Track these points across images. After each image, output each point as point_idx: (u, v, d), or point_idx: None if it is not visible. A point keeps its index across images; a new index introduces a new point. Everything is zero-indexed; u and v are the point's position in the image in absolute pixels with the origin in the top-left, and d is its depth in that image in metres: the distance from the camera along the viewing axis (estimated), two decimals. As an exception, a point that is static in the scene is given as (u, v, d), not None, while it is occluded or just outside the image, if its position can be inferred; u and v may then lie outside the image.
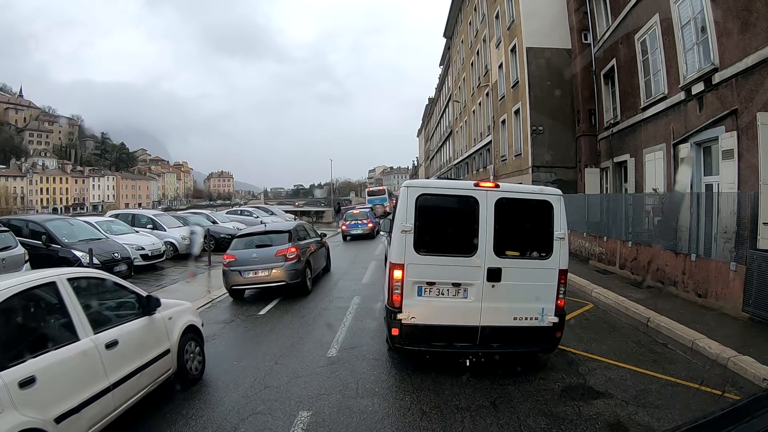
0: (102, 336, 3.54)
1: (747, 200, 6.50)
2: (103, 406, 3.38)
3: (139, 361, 3.89)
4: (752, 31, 7.13)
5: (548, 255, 4.48)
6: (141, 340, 4.02)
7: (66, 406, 3.04)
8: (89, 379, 3.33)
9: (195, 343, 4.90)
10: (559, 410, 3.92)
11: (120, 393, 3.58)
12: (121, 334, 3.76)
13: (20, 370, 2.85)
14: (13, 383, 2.78)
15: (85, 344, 3.37)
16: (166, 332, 4.42)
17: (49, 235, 9.21)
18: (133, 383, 3.77)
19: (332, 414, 3.94)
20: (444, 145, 41.05)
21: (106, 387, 3.44)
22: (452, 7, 31.02)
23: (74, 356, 3.25)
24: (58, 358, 3.13)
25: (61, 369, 3.13)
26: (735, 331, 5.77)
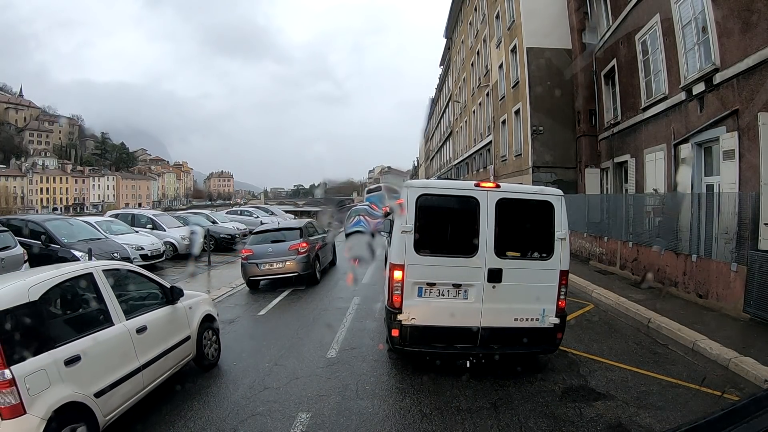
0: (133, 322, 3.96)
1: (748, 200, 6.49)
2: (134, 384, 3.80)
3: (164, 345, 4.30)
4: (753, 31, 7.11)
5: (549, 256, 4.46)
6: (166, 326, 4.43)
7: (104, 383, 3.44)
8: (123, 360, 3.73)
9: (212, 331, 5.29)
10: (560, 412, 3.91)
11: (148, 374, 3.99)
12: (149, 321, 4.16)
13: (66, 349, 3.23)
14: (60, 361, 3.15)
15: (119, 329, 3.78)
16: (187, 320, 4.82)
17: (48, 235, 9.19)
18: (159, 365, 4.18)
19: (332, 416, 3.92)
20: (444, 145, 41.03)
21: (137, 368, 3.85)
22: (452, 7, 31.00)
23: (110, 339, 3.67)
24: (97, 341, 3.53)
25: (100, 350, 3.52)
26: (736, 332, 5.75)
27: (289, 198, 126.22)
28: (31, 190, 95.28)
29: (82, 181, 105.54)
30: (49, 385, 3.03)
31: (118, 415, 3.64)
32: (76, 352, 3.29)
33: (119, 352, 3.75)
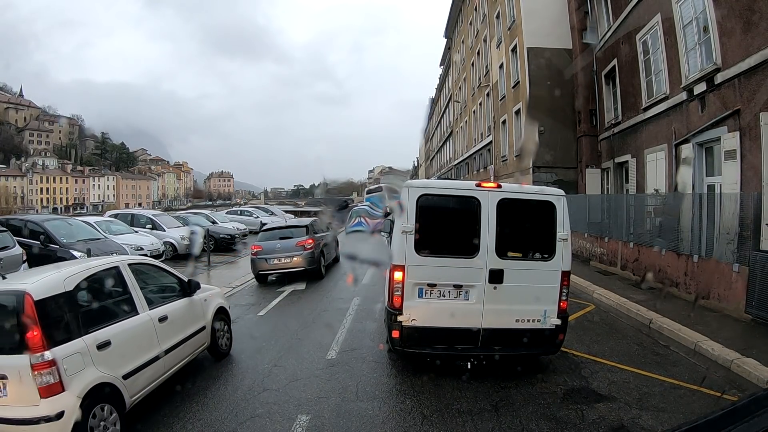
0: (155, 312, 4.30)
1: (750, 201, 6.45)
2: (156, 369, 4.13)
3: (182, 334, 4.63)
4: (755, 30, 7.08)
5: (551, 256, 4.43)
6: (184, 317, 4.76)
7: (131, 367, 3.77)
8: (147, 346, 4.07)
9: (224, 322, 5.65)
10: (562, 414, 3.88)
11: (168, 360, 4.33)
12: (169, 311, 4.51)
13: (98, 335, 3.56)
14: (93, 345, 3.47)
15: (144, 318, 4.13)
16: (203, 312, 5.18)
17: (47, 235, 9.16)
18: (178, 353, 4.51)
19: (331, 418, 3.89)
20: (444, 145, 41.00)
21: (159, 354, 4.18)
22: (452, 7, 30.98)
23: (136, 327, 4.01)
24: (125, 328, 3.88)
25: (127, 336, 3.86)
26: (737, 333, 5.72)
27: (289, 198, 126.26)
28: (31, 190, 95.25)
29: (82, 181, 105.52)
30: (83, 367, 3.36)
31: (141, 398, 3.94)
32: (107, 338, 3.63)
33: (144, 339, 4.08)
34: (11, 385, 3.16)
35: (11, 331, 3.26)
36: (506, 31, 18.88)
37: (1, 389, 3.17)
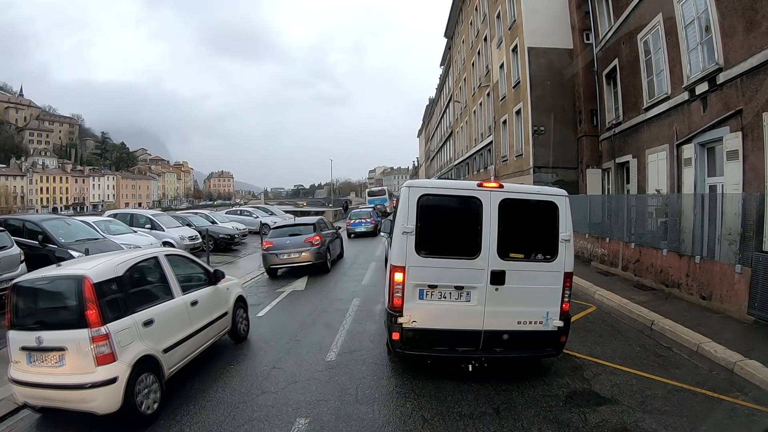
0: (188, 297, 4.91)
1: (752, 201, 6.40)
2: (188, 346, 4.74)
3: (209, 317, 5.25)
4: (757, 30, 7.03)
5: (553, 257, 4.38)
6: (210, 302, 5.38)
7: (169, 342, 4.38)
8: (181, 326, 4.67)
9: (243, 310, 6.30)
10: (565, 417, 3.83)
11: (198, 339, 4.94)
12: (199, 297, 5.13)
13: (144, 314, 4.15)
14: (139, 323, 4.06)
15: (179, 301, 4.74)
16: (226, 299, 5.81)
17: (45, 234, 9.09)
18: (205, 333, 5.14)
19: (331, 421, 3.84)
20: (444, 145, 40.96)
21: (191, 333, 4.78)
22: (453, 7, 30.94)
23: (172, 309, 4.61)
24: (164, 309, 4.46)
25: (166, 317, 4.44)
26: (740, 335, 5.67)
27: (290, 198, 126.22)
28: (31, 189, 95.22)
29: (82, 180, 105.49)
30: (132, 341, 3.93)
31: (174, 372, 4.49)
32: (151, 317, 4.22)
33: (179, 320, 4.67)
34: (69, 356, 3.71)
35: (72, 310, 3.83)
36: (507, 30, 18.84)
37: (59, 360, 3.73)
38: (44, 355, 3.79)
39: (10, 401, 4.44)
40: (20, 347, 3.87)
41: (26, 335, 3.85)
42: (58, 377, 3.71)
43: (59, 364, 3.74)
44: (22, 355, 3.86)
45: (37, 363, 3.81)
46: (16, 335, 3.92)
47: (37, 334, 3.79)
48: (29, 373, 3.83)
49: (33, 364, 3.82)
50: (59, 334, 3.76)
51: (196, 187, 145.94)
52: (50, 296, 4.12)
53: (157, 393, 4.10)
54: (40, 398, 3.90)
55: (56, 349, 3.75)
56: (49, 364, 3.77)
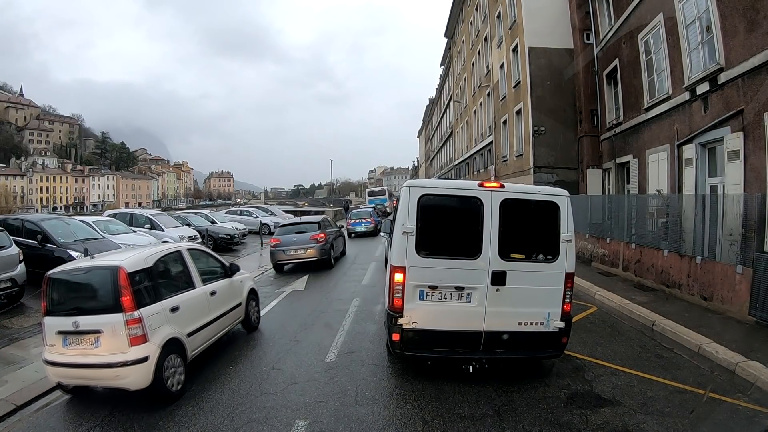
0: (208, 287, 5.39)
1: (754, 202, 6.37)
2: (208, 332, 5.20)
3: (225, 307, 5.70)
4: (759, 30, 7.00)
5: (554, 258, 4.35)
6: (227, 293, 5.84)
7: (192, 327, 4.83)
8: (202, 313, 5.12)
9: (254, 302, 6.78)
10: (566, 419, 3.80)
11: (216, 326, 5.39)
12: (217, 288, 5.58)
13: (171, 301, 4.61)
14: (167, 309, 4.51)
15: (200, 291, 5.20)
16: (240, 291, 6.28)
17: (44, 234, 9.05)
18: (222, 321, 5.59)
19: (330, 423, 3.81)
20: (445, 145, 40.92)
21: (210, 320, 5.24)
22: (453, 7, 30.90)
23: (195, 297, 5.06)
24: (188, 297, 4.93)
25: (190, 304, 4.89)
26: (741, 336, 5.65)
27: (290, 198, 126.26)
28: (31, 189, 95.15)
29: (82, 180, 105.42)
30: (161, 325, 4.36)
31: (196, 355, 4.90)
32: (177, 304, 4.67)
33: (200, 308, 5.12)
34: (104, 337, 4.10)
35: (107, 296, 4.23)
36: (507, 30, 18.82)
37: (95, 342, 4.12)
38: (80, 338, 4.17)
39: (8, 401, 4.43)
40: (56, 331, 4.23)
41: (62, 320, 4.23)
42: (93, 357, 4.11)
43: (95, 345, 4.13)
44: (58, 339, 4.23)
45: (73, 345, 4.19)
46: (52, 321, 4.29)
47: (73, 319, 4.18)
48: (65, 354, 4.21)
49: (69, 347, 4.20)
50: (95, 319, 4.15)
51: (196, 187, 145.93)
52: (86, 285, 4.50)
53: (182, 373, 4.55)
54: (74, 377, 4.33)
55: (92, 332, 4.14)
56: (85, 346, 4.16)
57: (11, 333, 6.51)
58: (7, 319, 7.08)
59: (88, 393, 4.67)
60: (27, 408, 4.44)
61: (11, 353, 5.75)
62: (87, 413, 4.26)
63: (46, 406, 4.48)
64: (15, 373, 5.12)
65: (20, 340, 6.25)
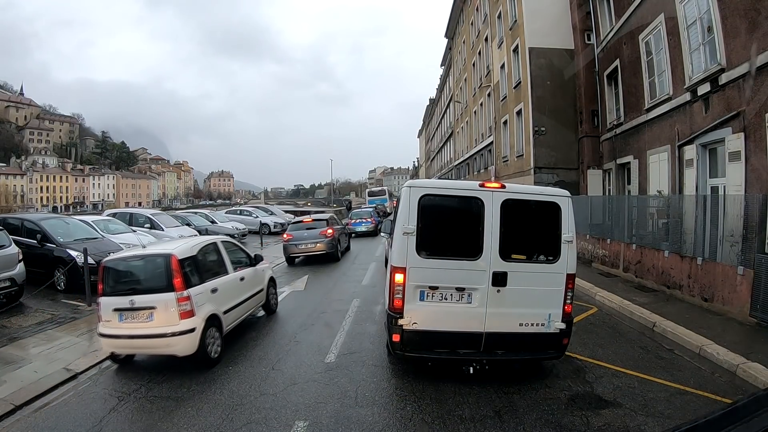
0: (238, 273, 6.27)
1: (754, 203, 6.36)
2: (238, 311, 6.08)
3: (251, 291, 6.59)
4: (760, 30, 6.99)
5: (555, 259, 4.33)
6: (252, 279, 6.72)
7: (227, 306, 5.69)
8: (234, 295, 5.99)
9: (273, 288, 7.75)
10: (567, 420, 3.78)
11: (244, 307, 6.28)
12: (245, 274, 6.48)
13: (211, 283, 5.45)
14: (208, 290, 5.32)
15: (232, 276, 6.08)
16: (262, 278, 7.19)
17: (44, 234, 9.03)
18: (248, 304, 6.50)
19: (330, 424, 3.79)
20: (445, 145, 40.90)
21: (240, 302, 6.11)
22: (454, 7, 30.89)
23: (228, 282, 5.92)
24: (224, 281, 5.79)
25: (225, 287, 5.75)
26: (742, 337, 5.65)
27: (290, 198, 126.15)
28: (31, 188, 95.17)
29: (82, 180, 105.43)
30: (204, 303, 5.15)
31: (228, 330, 5.73)
32: (216, 286, 5.51)
33: (233, 290, 5.97)
34: (158, 312, 4.86)
35: (161, 278, 4.97)
36: (508, 31, 18.80)
37: (149, 317, 4.88)
38: (135, 314, 4.91)
39: (7, 401, 4.41)
40: (113, 309, 4.97)
41: (119, 299, 4.97)
42: (148, 329, 4.86)
43: (149, 319, 4.87)
44: (114, 315, 4.96)
45: (128, 320, 4.93)
46: (109, 300, 5.02)
47: (130, 298, 4.92)
48: (120, 328, 4.95)
49: (124, 321, 4.93)
50: (150, 297, 4.90)
51: (196, 187, 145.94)
52: (142, 269, 5.27)
53: (219, 344, 5.36)
54: (128, 347, 5.13)
55: (147, 308, 4.88)
56: (140, 320, 4.90)
57: (10, 332, 6.49)
58: (6, 319, 7.06)
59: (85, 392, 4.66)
60: (26, 408, 4.41)
61: (10, 353, 5.72)
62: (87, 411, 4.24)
63: (45, 407, 4.46)
64: (14, 372, 5.10)
65: (19, 339, 6.23)
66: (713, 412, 1.08)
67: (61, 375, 5.07)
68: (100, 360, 5.53)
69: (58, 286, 8.64)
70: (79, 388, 4.84)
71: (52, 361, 5.43)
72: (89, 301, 7.91)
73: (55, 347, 5.93)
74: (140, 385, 4.77)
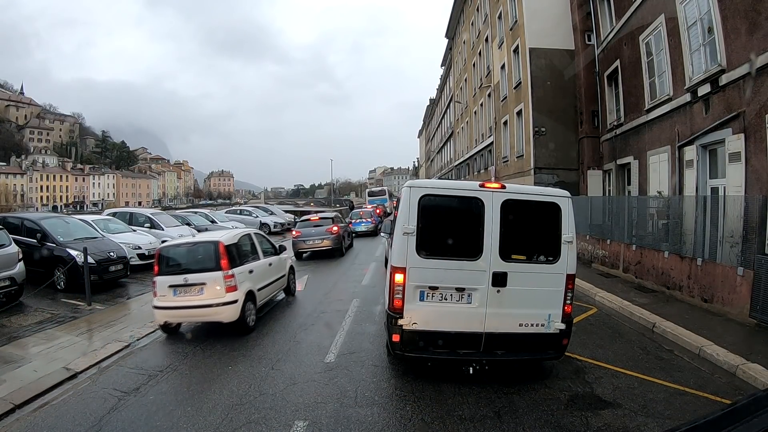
0: (267, 259, 7.55)
1: (755, 204, 6.36)
2: (268, 291, 7.42)
3: (277, 275, 7.91)
4: (760, 31, 6.99)
5: (555, 259, 4.33)
6: (277, 266, 8.01)
7: (260, 285, 6.96)
8: (265, 276, 7.29)
9: (293, 275, 9.05)
10: (567, 421, 3.78)
11: (271, 288, 7.60)
12: (272, 261, 7.75)
13: (249, 266, 6.72)
14: (246, 271, 6.55)
15: (263, 261, 7.36)
16: (284, 266, 8.46)
17: (43, 233, 9.04)
18: (274, 285, 7.79)
19: (329, 424, 3.79)
20: (445, 146, 40.90)
21: (269, 283, 7.42)
22: (454, 7, 30.89)
23: (260, 266, 7.18)
24: (257, 265, 7.06)
25: (258, 269, 7.04)
26: (742, 338, 5.64)
27: (290, 198, 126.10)
28: (31, 188, 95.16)
29: (83, 179, 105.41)
30: (244, 281, 6.38)
31: (260, 305, 7.02)
32: (252, 268, 6.82)
33: (264, 273, 7.27)
34: (207, 288, 6.07)
35: (210, 260, 6.18)
36: (508, 31, 18.80)
37: (200, 291, 6.08)
38: (188, 289, 6.08)
39: (6, 401, 4.41)
40: (168, 285, 6.10)
41: (173, 278, 6.12)
42: (199, 301, 6.06)
43: (200, 293, 6.07)
44: (169, 291, 6.09)
45: (181, 294, 6.09)
46: (164, 279, 6.16)
47: (184, 276, 6.11)
48: (174, 301, 6.09)
49: (178, 296, 6.09)
50: (201, 275, 6.11)
51: (197, 187, 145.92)
52: (193, 253, 6.50)
53: (254, 316, 6.62)
54: (180, 316, 6.31)
55: (198, 284, 6.07)
56: (192, 294, 6.07)
57: (10, 332, 6.49)
58: (6, 318, 7.06)
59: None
60: (25, 407, 4.41)
61: (10, 352, 5.72)
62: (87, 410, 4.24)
63: (44, 406, 4.45)
64: (13, 372, 5.10)
65: (19, 339, 6.23)
66: (713, 412, 1.08)
67: (60, 374, 5.07)
68: (99, 359, 5.53)
69: (58, 286, 8.65)
70: (79, 388, 4.83)
71: (51, 361, 5.43)
72: (89, 300, 7.91)
73: (55, 346, 5.93)
74: (140, 385, 4.77)
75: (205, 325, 6.70)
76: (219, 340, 6.32)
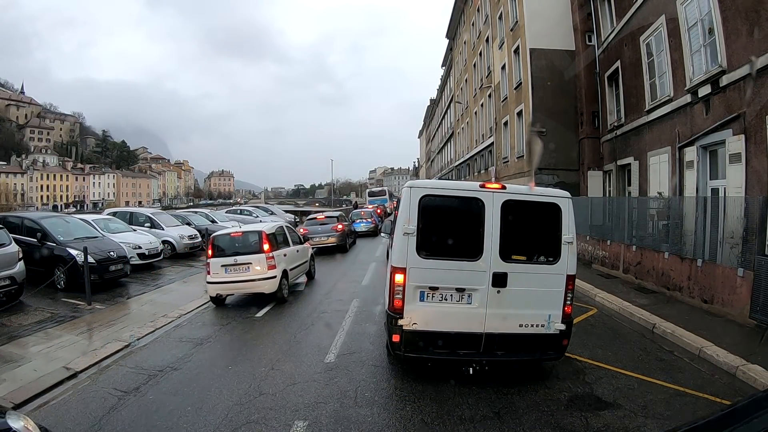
0: (295, 247, 9.40)
1: (755, 205, 6.36)
2: (296, 272, 9.30)
3: (302, 260, 9.72)
4: (761, 32, 6.99)
5: (555, 260, 4.33)
6: (302, 253, 9.88)
7: (291, 266, 8.89)
8: (294, 260, 9.14)
9: (313, 261, 10.76)
10: (566, 422, 3.78)
11: (298, 270, 9.48)
12: (299, 248, 9.63)
13: (284, 250, 8.70)
14: (281, 254, 8.44)
15: (293, 248, 9.23)
16: (307, 252, 10.35)
17: (44, 232, 9.03)
18: (300, 269, 9.64)
19: (329, 424, 3.78)
20: (445, 146, 40.90)
21: (297, 265, 9.29)
22: (455, 8, 30.91)
23: (291, 251, 9.06)
24: (289, 250, 8.97)
25: (290, 254, 8.94)
26: (742, 339, 5.64)
27: (290, 197, 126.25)
28: (31, 187, 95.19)
29: (83, 178, 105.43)
30: (280, 262, 8.18)
31: (291, 283, 8.78)
32: (285, 252, 8.63)
33: (293, 257, 9.08)
34: (253, 266, 7.86)
35: (255, 245, 8.04)
36: (509, 31, 18.81)
37: (246, 269, 7.86)
38: (237, 267, 7.87)
39: (6, 400, 4.40)
40: (221, 265, 7.86)
41: (225, 259, 7.90)
42: (246, 276, 7.84)
43: (246, 271, 7.86)
44: (221, 269, 7.86)
45: (231, 271, 7.86)
46: (217, 260, 7.91)
47: (234, 258, 7.90)
48: (226, 277, 7.85)
49: (228, 273, 7.85)
50: (248, 257, 7.90)
51: (197, 186, 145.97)
52: (241, 239, 8.28)
53: (287, 291, 8.42)
54: (230, 289, 8.05)
55: (246, 263, 7.86)
56: (240, 272, 7.87)
57: (10, 331, 6.49)
58: (6, 318, 7.06)
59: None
60: (25, 407, 4.40)
61: (9, 351, 5.72)
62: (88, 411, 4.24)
63: (44, 405, 4.45)
64: (13, 371, 5.10)
65: (19, 338, 6.22)
66: (713, 413, 1.09)
67: (60, 374, 5.06)
68: (99, 359, 5.53)
69: (58, 285, 8.64)
70: (79, 387, 4.82)
71: (51, 360, 5.43)
72: (89, 300, 7.91)
73: (55, 346, 5.92)
74: (140, 384, 4.77)
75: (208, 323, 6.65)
76: (219, 340, 6.33)
